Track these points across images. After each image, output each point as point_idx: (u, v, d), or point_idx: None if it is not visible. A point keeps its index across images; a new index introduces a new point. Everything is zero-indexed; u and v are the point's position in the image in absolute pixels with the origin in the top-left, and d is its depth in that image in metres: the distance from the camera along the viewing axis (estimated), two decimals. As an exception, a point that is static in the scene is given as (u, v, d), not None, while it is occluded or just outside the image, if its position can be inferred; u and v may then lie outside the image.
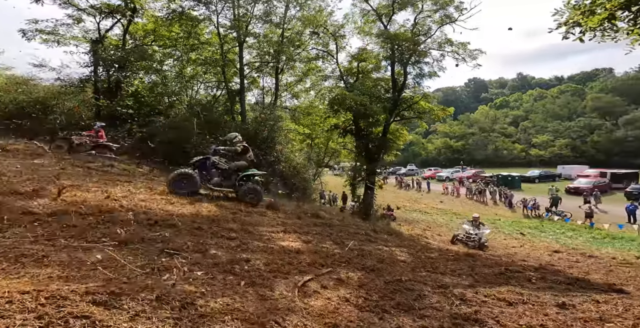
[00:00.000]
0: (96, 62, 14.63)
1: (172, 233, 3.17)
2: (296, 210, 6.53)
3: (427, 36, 13.45)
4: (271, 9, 18.07)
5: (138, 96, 16.17)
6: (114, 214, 3.38)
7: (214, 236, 3.52)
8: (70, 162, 7.42)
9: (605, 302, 2.76)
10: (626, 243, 13.29)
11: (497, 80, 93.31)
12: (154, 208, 4.04)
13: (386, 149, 11.27)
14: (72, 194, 3.90)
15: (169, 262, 2.44)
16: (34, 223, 2.73)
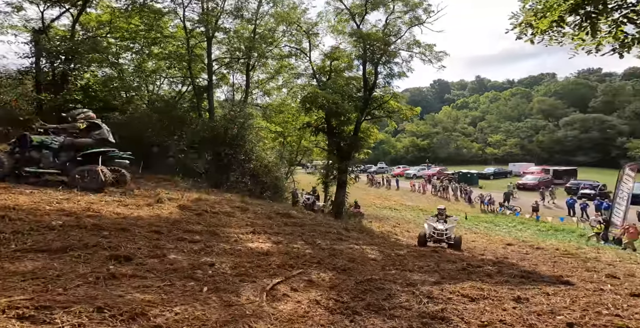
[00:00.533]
0: (38, 53, 13.16)
1: (124, 238, 2.85)
2: (267, 210, 6.33)
3: (398, 37, 13.87)
4: (242, 4, 17.44)
5: (89, 90, 14.73)
6: (51, 219, 2.95)
7: (174, 240, 3.24)
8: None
9: (555, 294, 2.98)
10: (567, 235, 14.79)
11: (458, 82, 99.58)
12: (103, 211, 3.62)
13: (357, 147, 11.42)
14: (1, 198, 3.36)
15: (117, 270, 2.16)
16: None
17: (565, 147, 51.59)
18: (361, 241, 5.43)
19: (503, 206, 21.18)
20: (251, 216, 5.53)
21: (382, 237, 7.53)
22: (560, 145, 52.37)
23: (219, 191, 12.53)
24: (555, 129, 55.61)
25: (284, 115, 18.66)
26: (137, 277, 2.11)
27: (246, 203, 6.89)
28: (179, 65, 17.70)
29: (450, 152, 57.82)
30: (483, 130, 63.28)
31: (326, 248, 4.17)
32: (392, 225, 16.24)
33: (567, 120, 54.49)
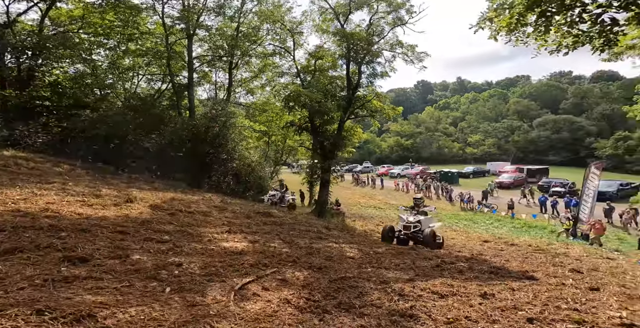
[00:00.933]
0: (3, 48, 12.31)
1: (83, 239, 2.67)
2: (246, 209, 6.19)
3: (381, 37, 14.02)
4: (225, 1, 17.07)
5: (57, 87, 13.91)
6: (3, 220, 2.73)
7: (140, 240, 3.08)
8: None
9: (519, 289, 3.07)
10: (539, 232, 15.46)
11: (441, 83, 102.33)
12: (63, 211, 3.39)
13: (341, 146, 11.44)
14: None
15: (70, 271, 2.01)
16: None
17: (538, 147, 54.14)
18: (341, 239, 5.41)
19: (481, 204, 21.90)
20: (229, 215, 5.39)
21: (363, 235, 7.56)
22: (533, 145, 54.91)
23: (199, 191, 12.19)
24: (529, 129, 58.27)
25: (268, 114, 18.42)
26: (91, 279, 1.97)
27: (225, 203, 6.72)
28: (158, 62, 17.07)
29: (433, 152, 59.31)
30: (463, 130, 65.34)
31: (304, 247, 4.12)
32: (375, 223, 16.39)
33: (540, 121, 57.23)
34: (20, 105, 12.10)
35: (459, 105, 77.66)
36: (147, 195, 5.44)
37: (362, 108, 12.54)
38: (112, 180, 8.55)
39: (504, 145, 57.97)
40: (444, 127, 67.16)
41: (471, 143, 60.74)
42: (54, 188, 4.52)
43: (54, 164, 8.24)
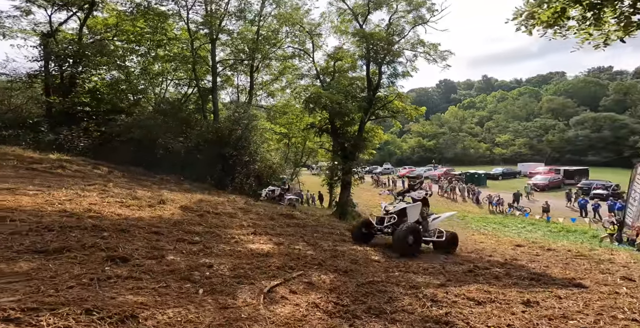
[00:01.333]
0: (47, 57, 13.36)
1: (123, 239, 2.83)
2: (269, 211, 6.28)
3: (401, 36, 13.76)
4: (245, 6, 17.56)
5: (96, 93, 14.92)
6: (52, 220, 2.95)
7: (174, 241, 3.21)
8: (13, 164, 6.59)
9: (567, 298, 2.85)
10: (579, 236, 14.40)
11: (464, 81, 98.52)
12: (104, 212, 3.62)
13: (362, 147, 11.32)
14: (3, 198, 3.38)
15: (113, 271, 2.13)
16: None
17: (576, 147, 50.52)
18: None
19: (512, 207, 20.77)
20: (253, 217, 5.49)
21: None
22: (571, 145, 51.30)
23: (223, 192, 12.58)
24: (565, 128, 54.51)
25: (288, 116, 18.67)
26: (132, 279, 2.08)
27: (249, 205, 6.87)
28: (184, 67, 17.88)
29: (457, 153, 57.15)
30: (490, 130, 62.40)
31: (328, 249, 4.10)
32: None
33: (578, 119, 53.37)
34: (64, 111, 13.12)
35: (486, 104, 74.28)
36: (177, 197, 5.68)
37: (383, 109, 12.34)
38: (145, 181, 9.04)
39: (536, 145, 54.62)
40: (469, 126, 64.56)
41: (499, 143, 57.84)
42: (95, 189, 4.84)
43: (94, 166, 8.84)
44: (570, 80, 70.33)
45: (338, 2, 15.76)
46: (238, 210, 5.82)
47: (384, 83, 12.64)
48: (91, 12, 14.64)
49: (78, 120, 13.04)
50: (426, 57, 13.91)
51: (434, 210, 7.20)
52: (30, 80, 13.62)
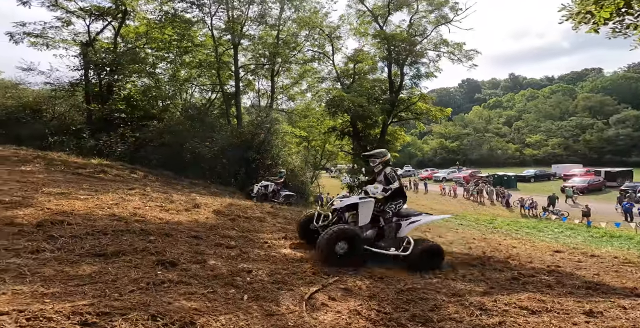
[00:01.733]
0: (86, 66, 14.19)
1: (168, 243, 2.97)
2: (295, 215, 6.34)
3: (423, 37, 13.49)
4: (266, 11, 17.99)
5: (131, 100, 15.78)
6: (104, 224, 3.16)
7: (212, 245, 3.33)
8: (61, 168, 7.14)
9: (632, 308, 2.63)
10: (625, 242, 13.29)
11: (489, 80, 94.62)
12: (147, 216, 3.82)
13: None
14: (58, 203, 3.67)
15: (164, 275, 2.24)
16: (17, 235, 2.51)
17: (617, 147, 46.78)
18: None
19: (547, 210, 19.58)
20: (281, 221, 5.57)
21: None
22: (611, 145, 47.59)
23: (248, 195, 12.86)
24: (604, 127, 50.65)
25: (309, 120, 18.83)
26: (182, 284, 2.17)
27: (275, 208, 6.97)
28: (208, 72, 18.56)
29: (483, 154, 54.81)
30: (520, 130, 59.28)
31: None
32: (422, 230, 15.60)
33: (619, 118, 49.46)
34: (102, 117, 13.98)
35: (514, 103, 70.79)
36: (208, 201, 5.88)
37: (406, 111, 12.12)
38: (177, 185, 9.46)
39: (572, 146, 51.18)
40: (495, 127, 61.80)
41: (530, 144, 54.78)
42: (137, 194, 5.13)
43: (131, 170, 9.38)
44: (609, 77, 65.42)
45: (357, 4, 15.76)
46: (266, 214, 5.93)
47: (407, 84, 12.47)
48: (124, 21, 15.40)
49: (115, 127, 13.85)
50: (450, 57, 13.56)
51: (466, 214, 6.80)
52: (73, 88, 14.47)
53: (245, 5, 17.03)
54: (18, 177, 5.33)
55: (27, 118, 13.01)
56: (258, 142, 14.87)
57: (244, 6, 17.11)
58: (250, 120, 16.26)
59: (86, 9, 14.39)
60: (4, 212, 3.02)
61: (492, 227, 18.36)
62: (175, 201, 5.13)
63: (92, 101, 14.25)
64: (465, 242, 11.83)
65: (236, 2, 16.77)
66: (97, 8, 14.58)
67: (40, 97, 14.49)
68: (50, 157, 8.76)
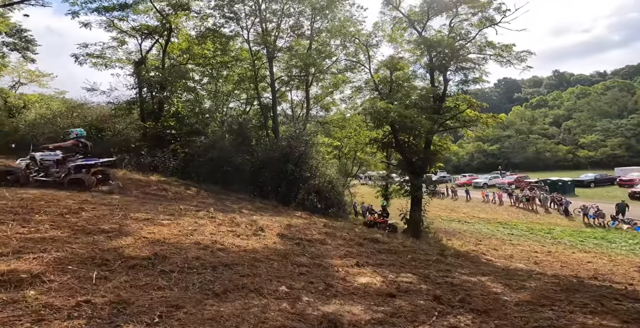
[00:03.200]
0: (140, 84, 15.18)
1: (258, 277, 3.00)
2: (353, 235, 6.24)
3: (467, 40, 12.91)
4: (300, 22, 18.38)
5: (179, 116, 16.74)
6: (196, 255, 3.30)
7: (294, 276, 3.33)
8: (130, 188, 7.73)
9: None
10: None
11: (530, 79, 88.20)
12: (226, 243, 3.95)
13: (432, 161, 10.70)
14: (150, 230, 3.93)
15: (278, 319, 2.25)
16: (134, 269, 2.69)
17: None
18: (467, 269, 4.89)
19: (617, 220, 17.48)
20: (341, 242, 5.50)
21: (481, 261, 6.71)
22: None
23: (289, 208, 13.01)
24: (675, 124, 44.66)
25: (347, 130, 18.75)
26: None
27: (329, 227, 6.94)
28: (245, 86, 19.28)
29: (528, 157, 50.82)
30: (571, 130, 54.26)
31: (441, 282, 3.82)
32: (471, 242, 14.66)
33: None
34: (156, 134, 15.07)
35: (561, 101, 65.21)
36: (268, 222, 6.00)
37: (452, 119, 11.58)
38: (226, 200, 9.84)
39: (635, 146, 45.69)
40: (541, 127, 57.18)
41: (585, 145, 49.82)
42: (205, 217, 5.39)
43: (185, 187, 9.95)
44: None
45: (392, 11, 15.55)
46: (324, 235, 5.89)
47: (452, 91, 11.92)
48: (169, 38, 16.50)
49: (167, 143, 14.84)
50: (497, 59, 12.77)
51: (515, 222, 5.96)
52: (130, 106, 15.78)
53: (278, 18, 17.48)
54: (97, 199, 5.82)
55: (94, 136, 14.38)
56: (297, 154, 15.07)
57: (277, 18, 17.56)
58: (288, 133, 16.53)
59: (137, 28, 15.60)
60: (111, 242, 3.28)
61: (551, 238, 16.78)
62: (240, 224, 5.29)
63: (146, 118, 15.40)
64: (528, 256, 10.87)
65: (269, 15, 17.27)
66: (146, 27, 15.80)
67: (102, 116, 15.97)
68: (118, 175, 9.58)
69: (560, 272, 7.77)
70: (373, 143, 12.12)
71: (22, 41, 18.51)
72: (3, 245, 2.62)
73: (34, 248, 2.63)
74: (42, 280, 2.08)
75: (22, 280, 2.03)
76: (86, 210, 4.46)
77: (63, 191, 6.05)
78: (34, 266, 2.29)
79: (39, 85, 23.50)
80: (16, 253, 2.47)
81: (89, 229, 3.55)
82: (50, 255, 2.52)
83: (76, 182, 6.50)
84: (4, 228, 3.11)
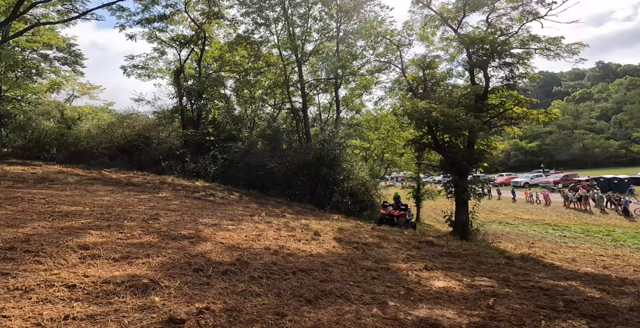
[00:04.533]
0: (180, 93, 16.02)
1: (338, 282, 3.00)
2: (405, 238, 6.09)
3: (508, 35, 12.20)
4: (328, 24, 18.43)
5: (216, 123, 17.40)
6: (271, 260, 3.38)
7: (370, 280, 3.29)
8: (184, 194, 8.17)
9: None
10: None
11: (570, 71, 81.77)
12: (292, 248, 4.02)
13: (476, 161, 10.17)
14: (223, 235, 4.10)
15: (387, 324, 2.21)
16: (225, 275, 2.79)
17: None
18: (544, 273, 4.56)
19: None
20: (398, 246, 5.38)
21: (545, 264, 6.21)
22: None
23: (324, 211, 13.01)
24: None
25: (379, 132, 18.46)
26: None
27: (376, 230, 6.84)
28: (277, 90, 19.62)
29: (574, 154, 46.91)
30: (622, 124, 49.35)
31: (527, 286, 3.58)
32: (523, 244, 13.71)
33: None
34: (196, 141, 15.84)
35: (608, 94, 59.71)
36: (319, 227, 6.04)
37: (498, 117, 10.96)
38: (267, 205, 10.05)
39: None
40: (587, 122, 52.55)
41: (638, 139, 45.05)
42: (262, 221, 5.55)
43: (229, 192, 10.32)
44: None
45: (422, 9, 15.10)
46: (377, 238, 5.81)
47: (497, 88, 11.27)
48: (204, 46, 17.25)
49: (206, 149, 15.52)
50: (543, 53, 11.91)
51: (566, 223, 5.33)
52: (172, 115, 16.73)
53: (305, 21, 17.56)
54: (163, 204, 6.20)
55: (142, 145, 15.41)
56: (331, 157, 15.07)
57: (304, 22, 17.66)
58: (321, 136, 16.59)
59: (175, 38, 16.50)
60: (195, 247, 3.46)
61: (611, 240, 15.24)
62: (295, 228, 5.37)
63: (186, 126, 16.23)
64: (593, 259, 9.90)
65: (296, 18, 17.43)
66: (182, 37, 16.70)
67: (147, 125, 17.05)
68: (168, 181, 10.17)
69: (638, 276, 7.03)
70: (410, 144, 11.76)
71: (72, 55, 19.35)
72: (112, 250, 2.86)
73: (138, 254, 2.84)
74: (160, 285, 2.23)
75: (145, 285, 2.19)
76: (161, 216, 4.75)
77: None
78: (145, 271, 2.47)
79: (90, 97, 25.60)
80: (126, 258, 2.69)
81: (172, 235, 3.77)
82: (154, 260, 2.71)
83: None
84: (106, 234, 3.40)
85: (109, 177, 9.21)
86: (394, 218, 8.85)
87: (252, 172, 14.68)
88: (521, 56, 11.64)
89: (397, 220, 8.86)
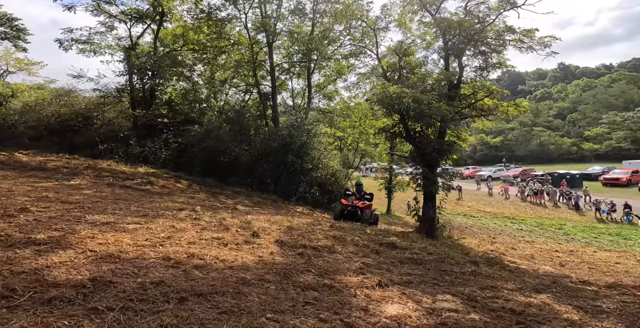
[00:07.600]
0: (130, 71, 14.18)
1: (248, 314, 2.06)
2: (365, 240, 5.31)
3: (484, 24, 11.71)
4: (301, 4, 17.10)
5: (172, 104, 15.70)
6: (160, 276, 2.35)
7: (299, 309, 2.39)
8: (109, 181, 6.77)
9: None
10: None
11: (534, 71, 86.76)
12: (207, 257, 3.00)
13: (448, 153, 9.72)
14: (103, 239, 2.97)
15: None
16: (50, 305, 1.73)
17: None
18: (511, 283, 3.98)
19: (632, 214, 16.75)
20: (354, 250, 4.57)
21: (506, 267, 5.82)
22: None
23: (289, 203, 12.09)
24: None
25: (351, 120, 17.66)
26: None
27: (335, 228, 6.01)
28: (243, 72, 18.08)
29: (532, 150, 49.94)
30: (576, 122, 53.23)
31: (496, 308, 2.90)
32: (486, 239, 13.87)
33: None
34: (147, 123, 13.98)
35: (566, 94, 64.06)
36: (263, 224, 5.07)
37: (469, 108, 10.53)
38: (221, 195, 8.87)
39: (641, 139, 44.85)
40: (545, 120, 56.06)
41: (590, 137, 48.88)
42: (187, 218, 4.44)
43: (175, 180, 8.98)
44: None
45: (402, -9, 14.22)
46: (332, 239, 4.97)
47: (469, 77, 10.82)
48: (162, 23, 15.33)
49: (158, 132, 13.79)
50: (517, 45, 11.60)
51: (524, 216, 5.25)
52: (119, 94, 14.66)
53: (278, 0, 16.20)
54: (64, 194, 4.87)
55: (79, 125, 13.33)
56: (298, 145, 14.06)
57: (277, 0, 16.30)
58: (289, 122, 15.45)
59: (127, 12, 14.46)
60: (37, 259, 2.32)
61: (563, 234, 16.05)
62: (230, 227, 4.34)
63: (137, 106, 14.33)
64: (550, 256, 10.05)
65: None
66: (136, 11, 14.62)
67: (90, 104, 14.85)
68: (100, 166, 8.60)
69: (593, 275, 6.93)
70: (381, 133, 11.07)
71: (13, 30, 17.85)
72: None
73: None
74: None
75: None
76: (31, 211, 3.48)
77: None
78: None
79: (28, 73, 22.62)
80: None
81: (18, 238, 2.58)
82: None
83: None
84: None
85: (17, 160, 7.49)
86: (357, 212, 7.24)
87: (212, 158, 13.28)
88: (496, 46, 11.23)
89: (361, 214, 7.30)
